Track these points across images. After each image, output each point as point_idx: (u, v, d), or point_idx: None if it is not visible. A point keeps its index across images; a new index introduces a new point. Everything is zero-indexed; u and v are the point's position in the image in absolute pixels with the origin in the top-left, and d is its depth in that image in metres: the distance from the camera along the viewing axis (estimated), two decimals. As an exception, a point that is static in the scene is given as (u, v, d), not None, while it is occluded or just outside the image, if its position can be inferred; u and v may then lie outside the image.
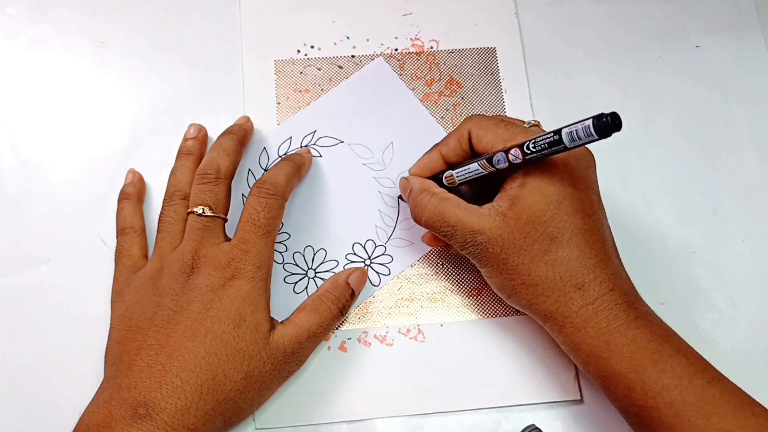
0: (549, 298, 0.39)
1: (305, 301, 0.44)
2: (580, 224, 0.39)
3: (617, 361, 0.38)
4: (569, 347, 0.40)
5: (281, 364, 0.41)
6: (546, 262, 0.39)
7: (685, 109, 0.52)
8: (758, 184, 0.50)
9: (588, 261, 0.39)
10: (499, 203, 0.40)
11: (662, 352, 0.37)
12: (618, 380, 0.38)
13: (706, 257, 0.49)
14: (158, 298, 0.41)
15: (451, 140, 0.44)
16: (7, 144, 0.49)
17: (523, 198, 0.39)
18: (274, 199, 0.43)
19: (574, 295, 0.39)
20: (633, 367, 0.37)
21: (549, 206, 0.39)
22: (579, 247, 0.39)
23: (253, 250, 0.41)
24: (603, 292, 0.39)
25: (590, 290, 0.39)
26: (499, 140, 0.41)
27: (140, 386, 0.37)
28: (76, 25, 0.51)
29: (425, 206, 0.42)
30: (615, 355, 0.38)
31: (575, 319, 0.39)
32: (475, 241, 0.40)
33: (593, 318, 0.38)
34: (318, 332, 0.42)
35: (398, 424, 0.44)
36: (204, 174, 0.44)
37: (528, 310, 0.41)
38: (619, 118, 0.35)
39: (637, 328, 0.38)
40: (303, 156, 0.47)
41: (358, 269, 0.46)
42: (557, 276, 0.39)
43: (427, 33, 0.53)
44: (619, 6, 0.54)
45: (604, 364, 0.38)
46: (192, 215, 0.43)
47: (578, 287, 0.39)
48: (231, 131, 0.47)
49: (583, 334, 0.39)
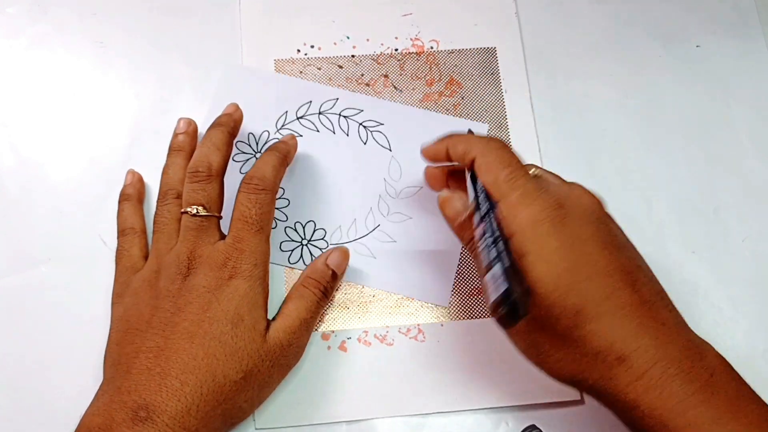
0: (592, 374, 0.35)
1: (289, 291, 0.44)
2: (602, 289, 0.35)
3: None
4: (628, 426, 0.36)
5: (279, 358, 0.41)
6: (580, 336, 0.34)
7: (685, 109, 0.52)
8: (758, 184, 0.50)
9: (624, 328, 0.34)
10: None
11: None
12: None
13: (706, 257, 0.49)
14: (156, 300, 0.41)
15: (459, 147, 0.40)
16: (7, 144, 0.49)
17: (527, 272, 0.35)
18: (264, 194, 0.42)
19: (619, 370, 0.34)
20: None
21: (560, 277, 0.34)
22: (609, 314, 0.34)
23: (248, 249, 0.41)
24: (650, 363, 0.34)
25: (635, 363, 0.34)
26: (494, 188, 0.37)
27: (140, 389, 0.37)
28: (76, 25, 0.51)
29: None
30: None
31: (626, 397, 0.34)
32: None
33: (645, 395, 0.34)
34: (308, 318, 0.42)
35: (398, 424, 0.44)
36: (195, 172, 0.43)
37: (577, 387, 0.37)
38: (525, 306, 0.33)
39: (697, 407, 0.33)
40: (288, 143, 0.46)
41: (337, 249, 0.45)
42: (594, 350, 0.34)
43: (427, 33, 0.53)
44: (619, 6, 0.54)
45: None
46: (186, 215, 0.42)
47: (620, 360, 0.34)
48: (220, 123, 0.46)
49: (638, 412, 0.34)
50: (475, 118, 0.51)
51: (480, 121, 0.51)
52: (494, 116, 0.51)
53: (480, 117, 0.51)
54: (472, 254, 0.40)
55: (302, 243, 0.47)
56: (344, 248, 0.46)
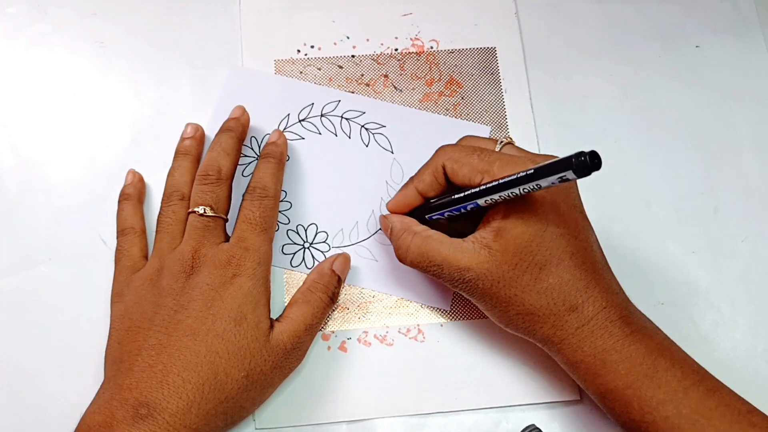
0: (545, 324, 0.39)
1: (295, 295, 0.44)
2: (566, 248, 0.39)
3: (613, 378, 0.38)
4: (567, 366, 0.40)
5: (282, 360, 0.41)
6: (538, 291, 0.39)
7: (685, 109, 0.52)
8: (758, 184, 0.50)
9: (579, 283, 0.39)
10: (483, 235, 0.40)
11: (657, 366, 0.38)
12: (615, 396, 0.38)
13: (706, 257, 0.49)
14: (158, 298, 0.41)
15: (426, 175, 0.43)
16: (7, 144, 0.49)
17: (507, 230, 0.39)
18: (267, 199, 0.44)
19: (569, 318, 0.39)
20: (629, 384, 0.38)
21: (534, 236, 0.39)
22: (568, 270, 0.39)
23: (252, 248, 0.42)
24: (596, 311, 0.39)
25: (584, 311, 0.39)
26: (475, 173, 0.40)
27: (141, 386, 0.37)
28: (76, 25, 0.51)
29: (408, 247, 0.42)
30: (611, 372, 0.38)
31: (572, 340, 0.39)
32: (464, 278, 0.40)
33: (589, 338, 0.39)
34: (314, 323, 0.43)
35: (398, 424, 0.44)
36: (205, 175, 0.44)
37: (526, 336, 0.41)
38: (598, 156, 0.33)
39: (632, 344, 0.38)
40: (278, 144, 0.47)
41: (341, 255, 0.46)
42: (551, 302, 0.39)
43: (427, 33, 0.53)
44: (619, 6, 0.54)
45: (600, 381, 0.38)
46: (193, 215, 0.43)
47: (572, 310, 0.39)
48: (229, 128, 0.47)
49: (580, 353, 0.39)
50: (475, 118, 0.51)
51: (480, 122, 0.51)
52: (494, 116, 0.51)
53: (480, 117, 0.51)
54: None
55: (304, 246, 0.47)
56: (347, 254, 0.46)
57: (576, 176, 0.34)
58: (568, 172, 0.34)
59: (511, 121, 0.51)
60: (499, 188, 0.38)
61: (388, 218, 0.45)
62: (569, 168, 0.34)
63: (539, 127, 0.51)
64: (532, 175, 0.36)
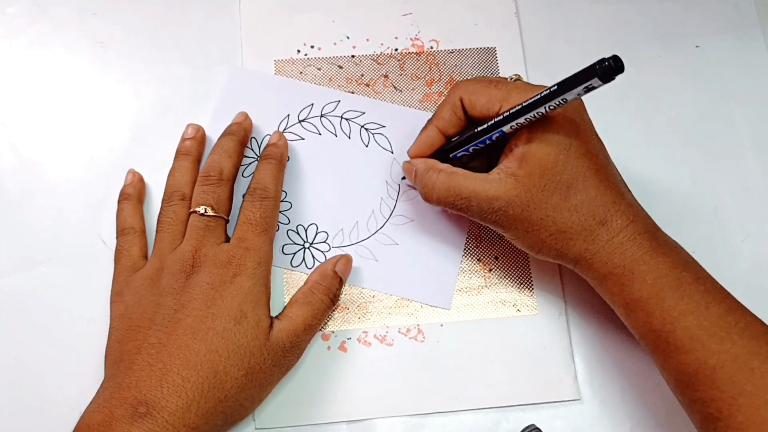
0: (578, 240, 0.40)
1: (296, 294, 0.44)
2: (590, 166, 0.40)
3: (640, 287, 0.39)
4: (597, 281, 0.41)
5: (281, 359, 0.41)
6: (568, 209, 0.40)
7: (685, 108, 0.52)
8: (758, 184, 0.50)
9: (606, 198, 0.40)
10: (508, 165, 0.41)
11: (682, 279, 0.39)
12: (639, 306, 0.39)
13: (706, 257, 0.48)
14: (158, 297, 0.41)
15: (445, 112, 0.44)
16: (7, 144, 0.49)
17: (531, 154, 0.40)
18: (267, 200, 0.44)
19: (600, 232, 0.40)
20: (654, 293, 0.39)
21: (559, 156, 0.40)
22: (595, 186, 0.40)
23: (252, 248, 0.42)
24: (625, 224, 0.40)
25: (613, 224, 0.40)
26: (494, 102, 0.41)
27: (141, 385, 0.37)
28: (76, 25, 0.51)
29: (434, 185, 0.42)
30: (638, 281, 0.39)
31: (602, 253, 0.40)
32: (492, 208, 0.41)
33: (618, 249, 0.40)
34: (313, 324, 0.43)
35: (398, 424, 0.44)
36: (207, 176, 0.44)
37: (558, 258, 0.42)
38: (620, 60, 0.35)
39: (660, 256, 0.39)
40: (278, 145, 0.47)
41: (343, 256, 0.46)
42: (582, 218, 0.40)
43: (427, 33, 0.53)
44: (619, 6, 0.54)
45: (627, 291, 0.39)
46: (194, 215, 0.43)
47: (602, 223, 0.40)
48: (231, 132, 0.47)
49: (610, 265, 0.40)
50: (475, 118, 0.51)
51: (480, 121, 0.51)
52: (494, 116, 0.51)
53: (480, 117, 0.51)
54: None
55: (304, 246, 0.47)
56: (349, 255, 0.46)
57: (602, 82, 0.35)
58: (594, 79, 0.35)
59: (511, 121, 0.51)
60: (524, 110, 0.39)
61: (411, 162, 0.45)
62: (594, 75, 0.35)
63: (539, 127, 0.51)
64: (556, 91, 0.37)
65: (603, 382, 0.45)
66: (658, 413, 0.44)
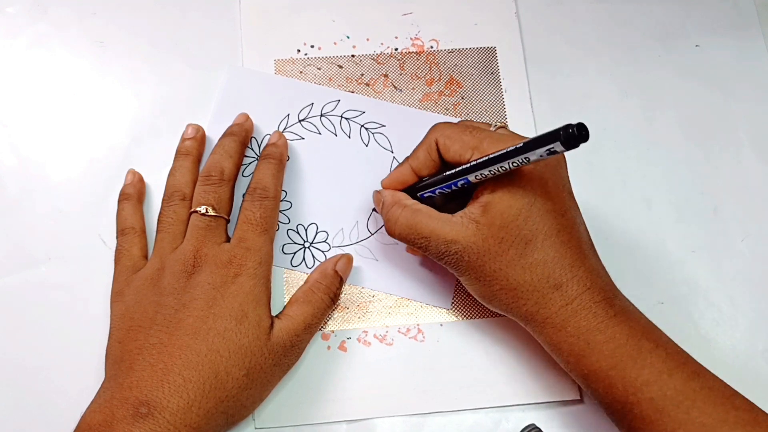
0: (528, 300, 0.39)
1: (296, 293, 0.44)
2: (553, 225, 0.39)
3: (597, 359, 0.38)
4: (550, 347, 0.40)
5: (281, 358, 0.41)
6: (522, 266, 0.39)
7: (685, 109, 0.52)
8: (758, 184, 0.50)
9: (564, 261, 0.39)
10: (471, 210, 0.40)
11: (641, 347, 0.38)
12: (599, 377, 0.38)
13: (706, 257, 0.49)
14: (159, 297, 0.41)
15: (420, 153, 0.43)
16: (7, 144, 0.49)
17: (494, 204, 0.39)
18: (267, 200, 0.44)
19: (553, 296, 0.39)
20: (613, 365, 0.38)
21: (521, 210, 0.39)
22: (554, 247, 0.39)
23: (253, 248, 0.42)
24: (581, 291, 0.39)
25: (568, 290, 0.39)
26: (466, 149, 0.40)
27: (142, 385, 0.38)
28: (76, 25, 0.51)
29: (397, 219, 0.42)
30: (595, 353, 0.38)
31: (555, 319, 0.39)
32: (450, 250, 0.40)
33: (572, 317, 0.39)
34: (313, 323, 0.43)
35: (398, 424, 0.44)
36: (208, 176, 0.44)
37: (509, 313, 0.41)
38: (586, 129, 0.34)
39: (616, 325, 0.38)
40: (278, 145, 0.47)
41: (344, 256, 0.46)
42: (535, 278, 0.39)
43: (427, 33, 0.53)
44: (619, 6, 0.54)
45: (584, 362, 0.39)
46: (195, 215, 0.43)
47: (556, 288, 0.39)
48: (232, 132, 0.47)
49: (564, 333, 0.39)
50: (475, 117, 0.51)
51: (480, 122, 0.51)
52: (494, 116, 0.51)
53: (480, 117, 0.51)
54: None
55: (304, 245, 0.47)
56: (350, 255, 0.46)
57: (564, 148, 0.34)
58: (556, 144, 0.34)
59: (511, 121, 0.51)
60: (488, 163, 0.38)
61: (381, 193, 0.45)
62: (557, 140, 0.34)
63: (539, 127, 0.51)
64: (520, 149, 0.36)
65: (603, 381, 0.45)
66: (658, 413, 0.44)
